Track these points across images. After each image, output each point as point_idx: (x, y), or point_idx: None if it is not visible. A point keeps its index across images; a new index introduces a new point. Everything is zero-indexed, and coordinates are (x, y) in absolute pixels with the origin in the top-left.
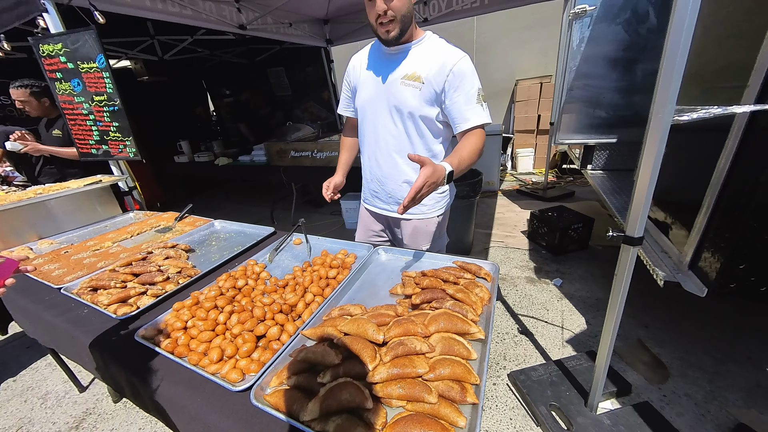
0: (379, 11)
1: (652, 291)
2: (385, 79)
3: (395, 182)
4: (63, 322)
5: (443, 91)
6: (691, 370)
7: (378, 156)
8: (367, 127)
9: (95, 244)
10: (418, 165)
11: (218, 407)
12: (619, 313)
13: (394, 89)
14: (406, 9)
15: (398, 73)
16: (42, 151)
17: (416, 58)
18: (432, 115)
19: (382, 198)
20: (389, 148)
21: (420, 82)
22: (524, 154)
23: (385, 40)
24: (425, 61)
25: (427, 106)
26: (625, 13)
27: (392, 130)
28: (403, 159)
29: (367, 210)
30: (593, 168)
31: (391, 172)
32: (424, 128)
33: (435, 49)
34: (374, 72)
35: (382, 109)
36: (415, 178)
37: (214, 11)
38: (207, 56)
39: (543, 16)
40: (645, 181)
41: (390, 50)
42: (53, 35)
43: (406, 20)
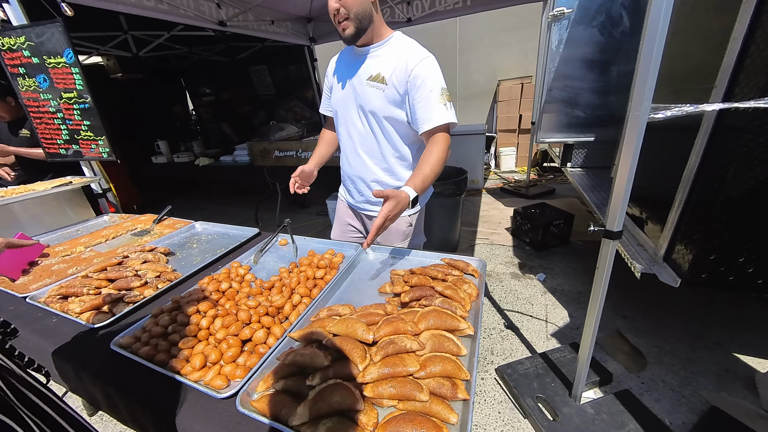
0: (332, 10)
1: (629, 283)
2: (353, 79)
3: (364, 182)
4: (29, 333)
5: (406, 92)
6: (666, 357)
7: (349, 155)
8: (340, 126)
9: (65, 249)
10: (388, 165)
11: (202, 416)
12: (601, 304)
13: (360, 90)
14: (359, 8)
15: (364, 74)
16: (9, 152)
17: (381, 59)
18: (397, 116)
19: (354, 196)
20: (357, 148)
21: (383, 83)
22: (507, 152)
23: (343, 38)
24: (389, 62)
25: (391, 107)
26: (600, 16)
27: (360, 130)
28: (371, 159)
29: (344, 203)
30: (573, 166)
31: (360, 171)
32: (390, 129)
33: (399, 49)
34: (345, 72)
35: (351, 109)
36: (382, 177)
37: (192, 6)
38: (185, 53)
39: (522, 18)
40: (624, 177)
41: (358, 51)
42: (15, 28)
43: (361, 19)
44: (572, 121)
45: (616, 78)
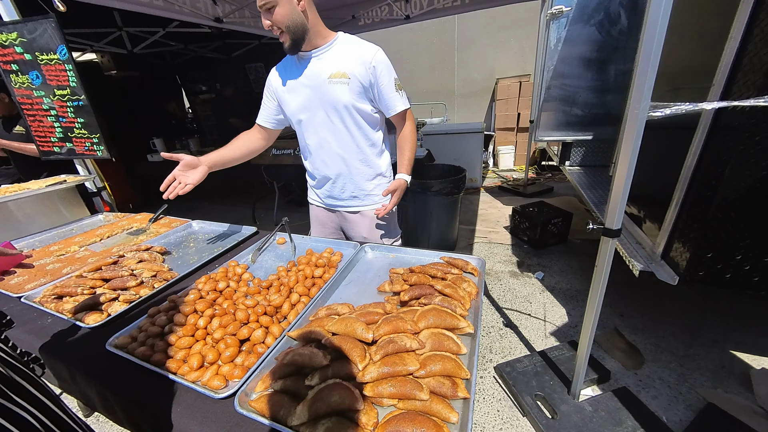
0: (266, 27)
1: (627, 281)
2: (313, 82)
3: (345, 178)
4: (23, 333)
5: (370, 83)
6: (663, 354)
7: (325, 157)
8: (307, 132)
9: (60, 248)
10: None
11: (200, 417)
12: (600, 302)
13: (324, 89)
14: (289, 21)
15: (324, 74)
16: (5, 146)
17: (336, 57)
18: (364, 107)
19: (335, 196)
20: (333, 147)
21: (347, 78)
22: (505, 151)
23: (285, 50)
24: (346, 59)
25: (358, 98)
26: (598, 14)
27: (332, 129)
28: (349, 154)
29: (321, 208)
30: (571, 164)
31: (340, 169)
32: (360, 120)
33: (351, 46)
34: (299, 80)
35: (318, 111)
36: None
37: (188, 2)
38: (181, 50)
39: (520, 17)
40: (622, 175)
41: (303, 56)
42: (7, 23)
43: (294, 30)
44: (570, 119)
45: (613, 76)
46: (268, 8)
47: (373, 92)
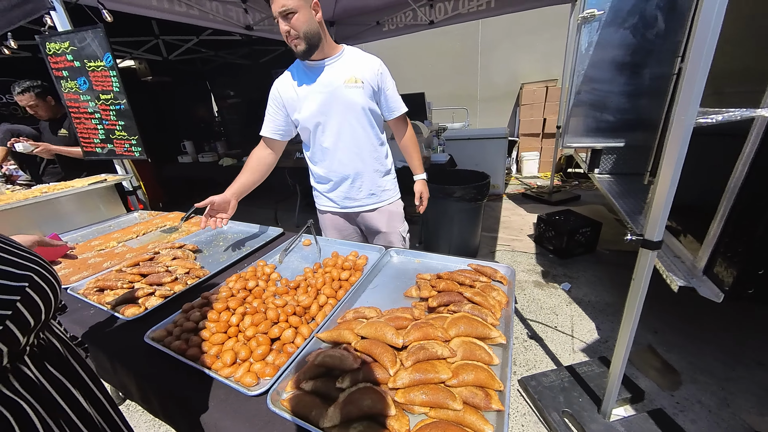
0: (284, 32)
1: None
2: (327, 88)
3: (363, 176)
4: (69, 323)
5: (378, 87)
6: (702, 375)
7: (341, 157)
8: (323, 135)
9: (100, 243)
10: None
11: (232, 412)
12: (637, 317)
13: (340, 93)
14: (306, 27)
15: (338, 80)
16: (53, 151)
17: (347, 65)
18: (375, 109)
19: (352, 196)
20: (350, 147)
21: (360, 83)
22: (529, 157)
23: (297, 54)
24: (357, 67)
25: (370, 101)
26: (633, 17)
27: (349, 130)
28: (365, 154)
29: (335, 214)
30: (600, 172)
31: (357, 167)
32: (372, 120)
33: (358, 56)
34: (313, 87)
35: (335, 114)
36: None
37: (221, 12)
38: (211, 57)
39: (546, 20)
40: (666, 184)
41: (316, 65)
42: (60, 33)
43: (310, 37)
44: (601, 125)
45: (648, 81)
46: (286, 14)
47: (380, 96)
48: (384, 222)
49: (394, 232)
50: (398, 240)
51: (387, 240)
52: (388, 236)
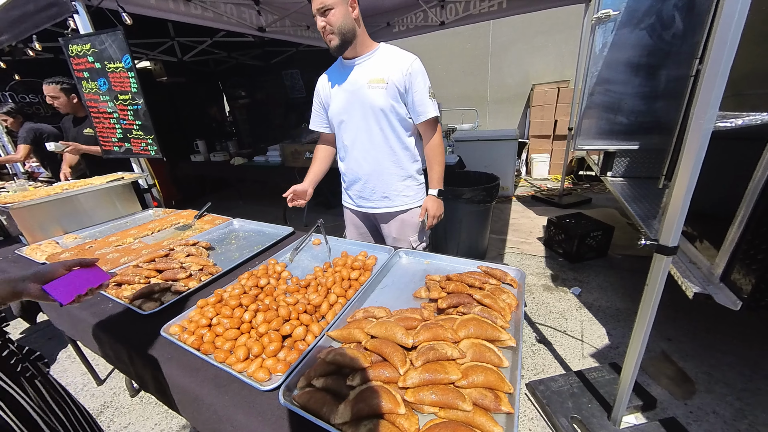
0: (320, 27)
1: (674, 302)
2: (352, 87)
3: (376, 178)
4: (89, 316)
5: (405, 88)
6: (718, 386)
7: (358, 156)
8: (345, 133)
9: (117, 239)
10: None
11: (245, 406)
12: (650, 323)
13: (363, 93)
14: (341, 23)
15: (363, 79)
16: (82, 150)
17: (375, 64)
18: (400, 111)
19: (366, 197)
20: (366, 147)
21: (384, 83)
22: (539, 159)
23: (330, 49)
24: (384, 66)
25: (393, 102)
26: (649, 18)
27: (367, 130)
28: (381, 155)
29: (352, 211)
30: (613, 175)
31: (372, 169)
32: (395, 123)
33: (390, 55)
34: (342, 85)
35: (356, 113)
36: (393, 169)
37: (235, 13)
38: (224, 58)
39: (559, 21)
40: (682, 188)
41: (348, 63)
42: (82, 36)
43: (345, 33)
44: (614, 127)
45: (664, 83)
46: (323, 10)
47: (407, 97)
48: (396, 228)
49: (404, 240)
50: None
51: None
52: (398, 243)
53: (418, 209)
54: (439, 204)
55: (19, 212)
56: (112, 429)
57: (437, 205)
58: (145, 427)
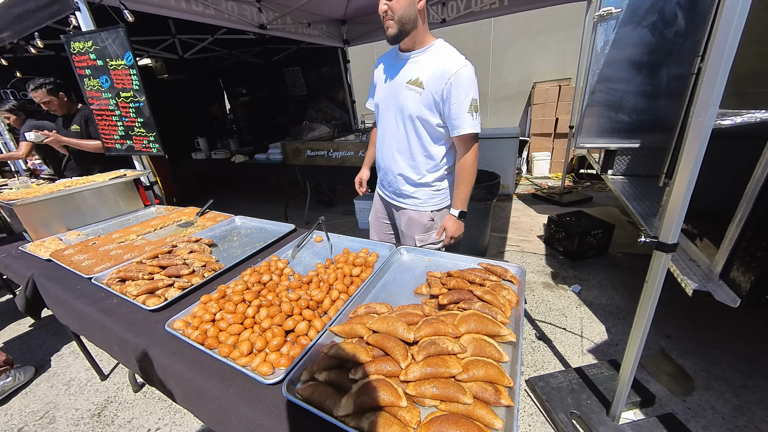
0: (381, 10)
1: (673, 299)
2: (393, 81)
3: (392, 174)
4: (94, 311)
5: (443, 98)
6: (716, 383)
7: (383, 149)
8: (379, 122)
9: (120, 236)
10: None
11: (249, 400)
12: (649, 320)
13: (399, 92)
14: (403, 11)
15: (404, 77)
16: (63, 141)
17: (421, 64)
18: (430, 119)
19: (385, 185)
20: (391, 144)
21: (421, 88)
22: (540, 157)
23: (386, 37)
24: (428, 68)
25: (425, 110)
26: (651, 16)
27: (394, 129)
28: (400, 155)
29: (378, 195)
30: (614, 173)
31: (390, 164)
32: (422, 131)
33: (439, 56)
34: (388, 74)
35: (389, 108)
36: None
37: (236, 11)
38: (225, 56)
39: (560, 19)
40: (682, 186)
41: (401, 55)
42: (84, 33)
43: (405, 22)
44: (616, 126)
45: (666, 81)
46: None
47: (443, 107)
48: (404, 223)
49: (410, 236)
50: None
51: (404, 240)
52: (405, 239)
53: (427, 213)
54: (459, 225)
55: (23, 209)
56: (116, 423)
57: (457, 226)
58: (149, 422)
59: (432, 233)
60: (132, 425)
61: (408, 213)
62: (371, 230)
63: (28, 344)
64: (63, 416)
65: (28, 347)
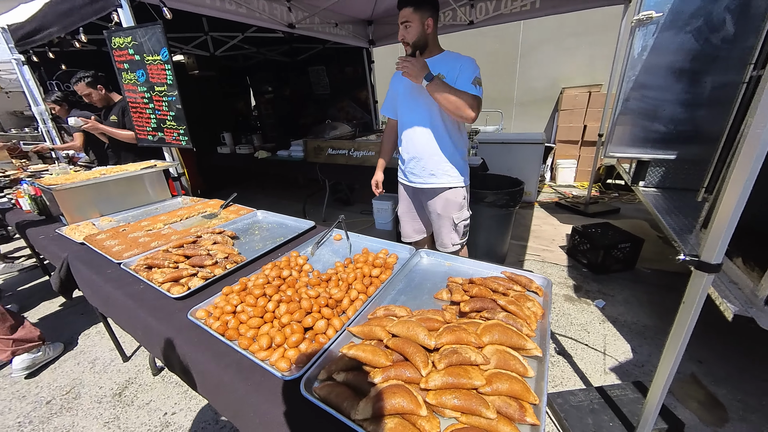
0: (399, 38)
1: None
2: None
3: (429, 157)
4: (121, 296)
5: (455, 80)
6: (754, 415)
7: (413, 139)
8: (405, 119)
9: (149, 224)
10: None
11: (267, 394)
12: (684, 345)
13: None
14: (416, 38)
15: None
16: (100, 129)
17: (437, 65)
18: None
19: (417, 173)
20: (420, 130)
21: (442, 77)
22: (565, 165)
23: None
24: (443, 66)
25: None
26: (696, 20)
27: (426, 118)
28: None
29: (404, 186)
30: (646, 185)
31: (423, 148)
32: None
33: (448, 58)
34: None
35: (415, 99)
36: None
37: (267, 10)
38: (253, 53)
39: (593, 22)
40: (732, 201)
41: None
42: (125, 29)
43: (417, 46)
44: (650, 135)
45: (709, 90)
46: (404, 23)
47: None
48: (440, 206)
49: (447, 217)
50: (449, 225)
51: (439, 223)
52: (441, 221)
53: (460, 189)
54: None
55: (61, 194)
56: (135, 404)
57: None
58: (166, 405)
59: (464, 210)
60: (150, 407)
61: (444, 195)
62: (403, 223)
63: (59, 322)
64: (87, 393)
65: (58, 325)
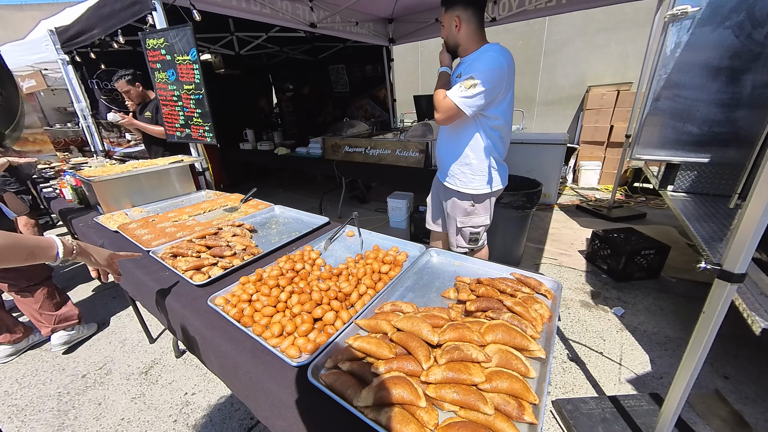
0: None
1: (736, 336)
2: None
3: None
4: (150, 281)
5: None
6: None
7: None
8: None
9: (175, 215)
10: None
11: (277, 378)
12: (702, 356)
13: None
14: (446, 37)
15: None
16: (134, 125)
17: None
18: None
19: (440, 167)
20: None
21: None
22: (589, 167)
23: None
24: (464, 65)
25: None
26: (737, 15)
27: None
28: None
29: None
30: (675, 189)
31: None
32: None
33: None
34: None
35: None
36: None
37: (290, 10)
38: (275, 52)
39: (625, 17)
40: (759, 207)
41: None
42: (158, 30)
43: (449, 44)
44: (682, 137)
45: (750, 89)
46: (441, 24)
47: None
48: (449, 205)
49: (453, 218)
50: (454, 227)
51: (448, 222)
52: (449, 220)
53: (467, 195)
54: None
55: (99, 185)
56: (159, 383)
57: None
58: (187, 386)
59: (472, 218)
60: (172, 387)
61: (453, 198)
62: (429, 208)
63: (93, 304)
64: (117, 370)
65: (92, 306)
